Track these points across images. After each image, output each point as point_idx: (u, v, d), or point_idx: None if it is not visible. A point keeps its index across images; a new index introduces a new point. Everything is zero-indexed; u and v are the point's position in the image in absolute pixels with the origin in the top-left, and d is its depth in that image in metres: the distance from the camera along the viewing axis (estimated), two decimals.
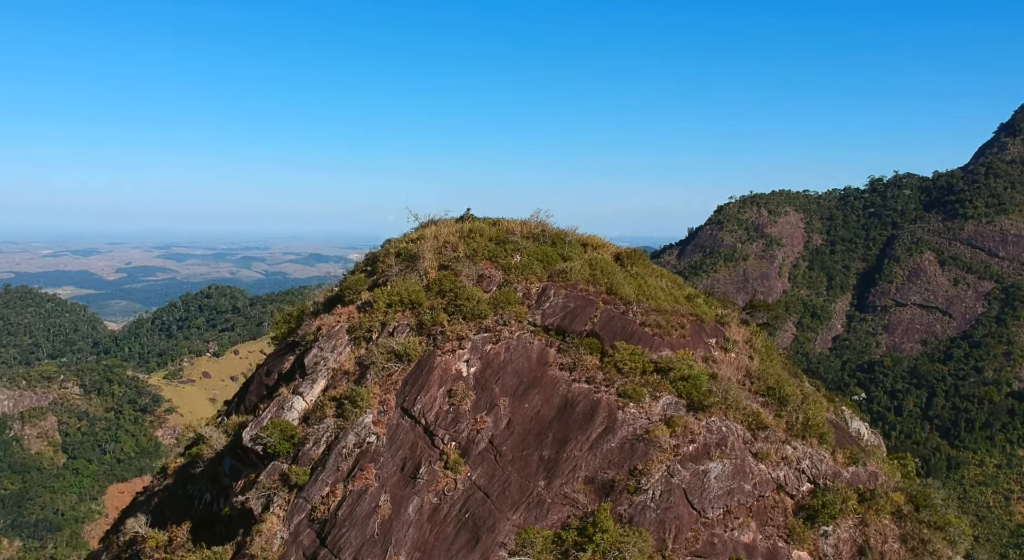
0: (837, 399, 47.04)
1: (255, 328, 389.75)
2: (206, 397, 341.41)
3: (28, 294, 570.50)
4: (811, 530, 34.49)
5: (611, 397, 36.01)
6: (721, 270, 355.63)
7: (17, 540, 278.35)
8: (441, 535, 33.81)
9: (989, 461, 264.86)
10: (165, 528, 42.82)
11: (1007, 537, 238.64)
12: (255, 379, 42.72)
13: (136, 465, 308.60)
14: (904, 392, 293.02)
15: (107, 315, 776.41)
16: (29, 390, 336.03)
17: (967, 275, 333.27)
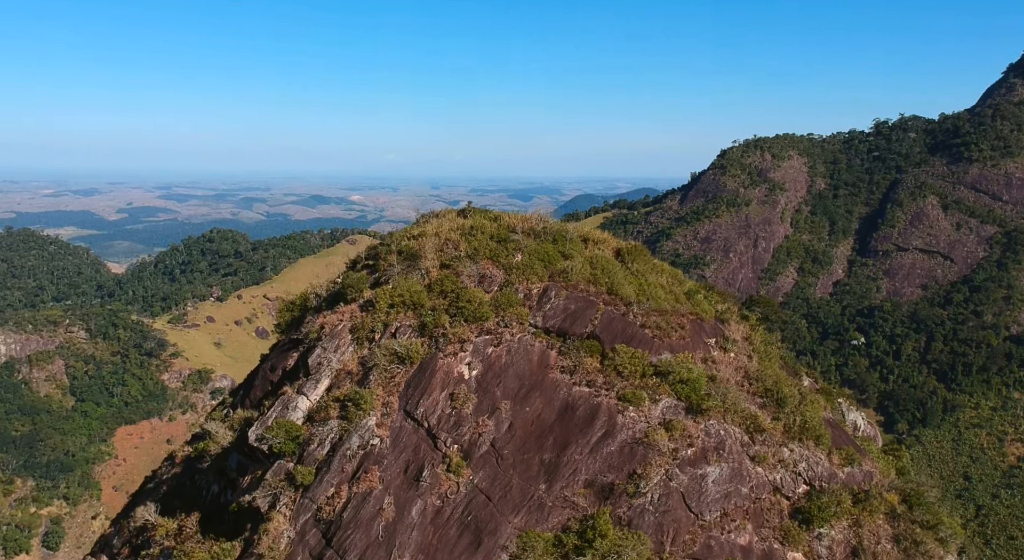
0: (835, 390, 47.53)
1: (257, 273, 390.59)
2: (211, 341, 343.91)
3: (30, 237, 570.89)
4: (806, 532, 35.26)
5: (611, 401, 36.42)
6: (723, 215, 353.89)
7: (30, 480, 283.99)
8: (444, 538, 34.61)
9: (985, 404, 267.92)
10: (175, 516, 43.89)
11: (999, 478, 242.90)
12: (259, 373, 43.13)
13: (144, 408, 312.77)
14: (903, 336, 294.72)
15: (110, 256, 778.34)
16: (35, 334, 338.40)
17: (970, 219, 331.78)
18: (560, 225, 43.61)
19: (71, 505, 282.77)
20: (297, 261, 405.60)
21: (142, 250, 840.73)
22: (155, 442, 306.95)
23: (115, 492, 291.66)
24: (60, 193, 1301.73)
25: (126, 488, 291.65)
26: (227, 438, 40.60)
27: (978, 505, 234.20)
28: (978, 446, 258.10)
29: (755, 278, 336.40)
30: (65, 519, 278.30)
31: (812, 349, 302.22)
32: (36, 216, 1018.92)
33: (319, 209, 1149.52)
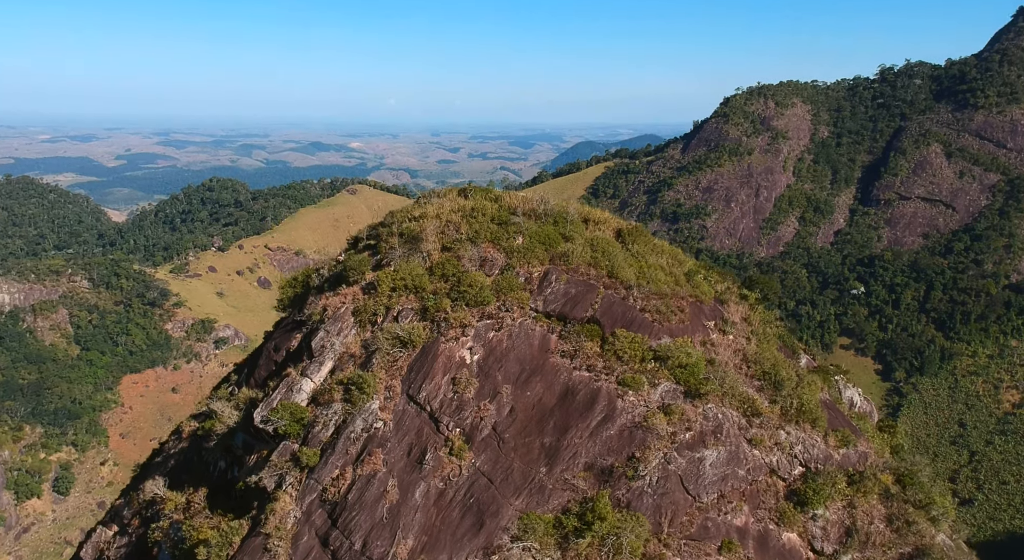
0: (832, 367, 47.98)
1: (258, 223, 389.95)
2: (213, 291, 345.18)
3: (30, 184, 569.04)
4: (801, 513, 36.07)
5: (611, 385, 36.92)
6: (725, 165, 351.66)
7: (38, 427, 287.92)
8: (447, 519, 35.44)
9: (982, 352, 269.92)
10: (183, 490, 44.87)
11: (993, 424, 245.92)
12: (264, 353, 43.62)
13: (148, 357, 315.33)
14: (903, 286, 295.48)
15: (109, 203, 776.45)
16: (38, 283, 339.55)
17: (973, 167, 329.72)
18: (561, 206, 43.54)
19: (79, 451, 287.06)
20: (297, 211, 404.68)
21: (142, 197, 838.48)
22: (160, 390, 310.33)
23: (122, 439, 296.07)
24: (57, 139, 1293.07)
25: (133, 436, 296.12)
26: (233, 418, 41.27)
27: (972, 451, 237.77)
28: (974, 394, 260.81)
29: (756, 228, 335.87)
30: (74, 465, 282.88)
31: (812, 299, 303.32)
32: (34, 162, 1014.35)
33: (318, 156, 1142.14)
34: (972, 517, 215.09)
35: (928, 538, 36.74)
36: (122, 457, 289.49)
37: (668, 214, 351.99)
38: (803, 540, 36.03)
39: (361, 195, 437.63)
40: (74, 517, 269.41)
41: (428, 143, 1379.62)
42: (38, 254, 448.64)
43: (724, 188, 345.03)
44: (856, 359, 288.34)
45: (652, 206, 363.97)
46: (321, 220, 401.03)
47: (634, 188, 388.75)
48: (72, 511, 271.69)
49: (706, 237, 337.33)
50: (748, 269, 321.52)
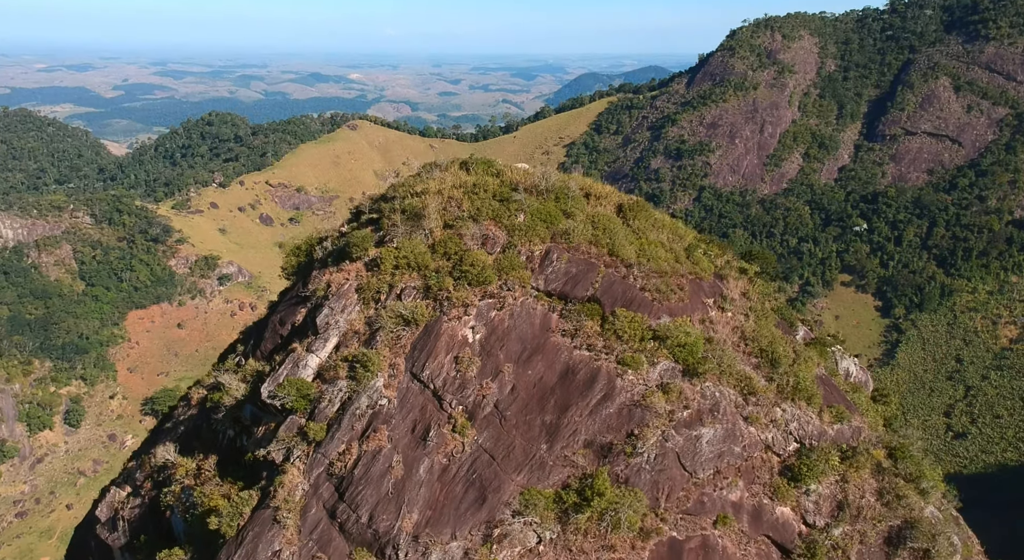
0: (829, 338, 48.60)
1: (258, 159, 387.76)
2: (215, 228, 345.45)
3: (28, 117, 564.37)
4: (795, 488, 37.19)
5: (611, 365, 37.65)
6: (730, 100, 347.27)
7: (47, 361, 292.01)
8: (451, 494, 36.59)
9: (982, 288, 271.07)
10: (193, 456, 46.14)
11: (990, 360, 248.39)
12: (269, 325, 44.29)
13: (153, 293, 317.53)
14: (906, 222, 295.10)
15: (108, 135, 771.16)
16: (41, 219, 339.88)
17: (982, 101, 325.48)
18: (562, 182, 43.57)
19: (88, 385, 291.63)
20: (298, 147, 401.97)
21: (141, 129, 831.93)
22: (166, 326, 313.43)
23: (130, 373, 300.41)
24: (53, 68, 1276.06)
25: (141, 370, 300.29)
26: (240, 390, 42.19)
27: (968, 386, 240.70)
28: (972, 329, 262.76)
29: (760, 164, 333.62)
30: (83, 398, 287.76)
31: (814, 236, 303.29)
32: (31, 92, 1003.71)
33: (317, 88, 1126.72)
34: (965, 450, 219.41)
35: (917, 510, 37.94)
36: (130, 391, 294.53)
37: (671, 151, 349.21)
38: (796, 514, 37.24)
39: (362, 131, 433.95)
40: (86, 448, 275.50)
41: (429, 74, 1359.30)
42: (39, 188, 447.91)
43: (728, 124, 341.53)
44: (856, 296, 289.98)
45: (655, 142, 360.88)
46: (322, 156, 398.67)
47: (637, 124, 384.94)
48: (84, 443, 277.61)
49: (709, 174, 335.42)
50: (751, 206, 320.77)
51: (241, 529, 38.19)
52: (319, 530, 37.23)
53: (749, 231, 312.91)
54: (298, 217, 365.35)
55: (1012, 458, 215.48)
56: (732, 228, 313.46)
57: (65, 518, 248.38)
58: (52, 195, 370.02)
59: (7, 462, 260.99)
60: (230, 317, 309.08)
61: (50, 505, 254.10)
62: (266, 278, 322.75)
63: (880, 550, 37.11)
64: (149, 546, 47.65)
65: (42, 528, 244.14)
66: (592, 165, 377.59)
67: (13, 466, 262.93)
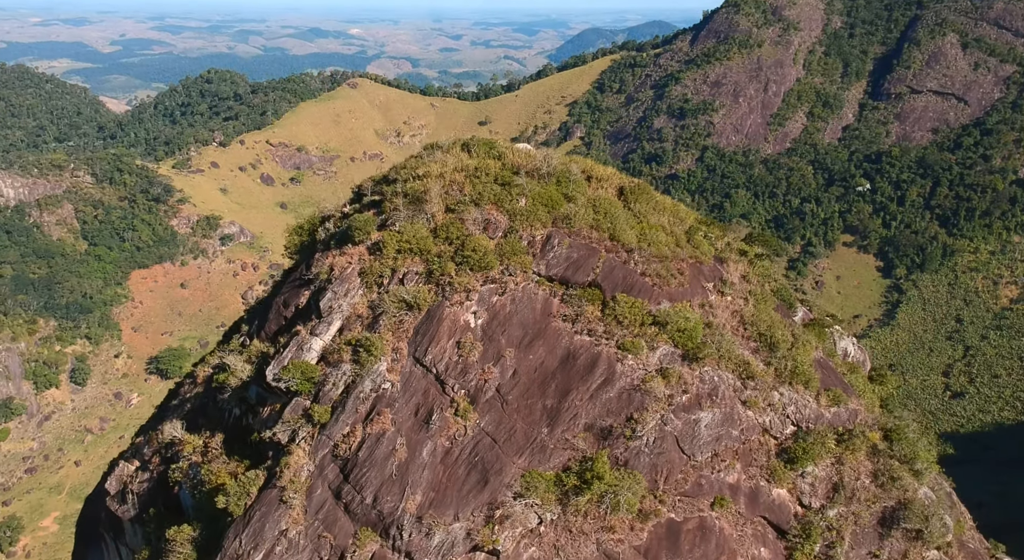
0: (827, 319, 48.93)
1: (258, 117, 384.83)
2: (216, 188, 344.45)
3: (26, 73, 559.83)
4: (791, 470, 37.90)
5: (611, 350, 38.13)
6: (734, 58, 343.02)
7: (52, 320, 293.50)
8: (453, 477, 37.35)
9: (984, 248, 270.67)
10: (199, 433, 46.95)
11: (990, 320, 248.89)
12: (273, 307, 44.74)
13: (155, 253, 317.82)
14: (909, 182, 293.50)
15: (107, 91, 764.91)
16: (42, 178, 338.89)
17: (989, 58, 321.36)
18: (564, 165, 43.58)
19: (93, 344, 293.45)
20: (298, 105, 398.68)
21: (139, 85, 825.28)
22: (169, 286, 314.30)
23: (134, 333, 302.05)
24: (49, 22, 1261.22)
25: (145, 330, 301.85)
26: (246, 371, 42.79)
27: (967, 346, 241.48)
28: (973, 290, 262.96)
29: (764, 123, 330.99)
30: (89, 357, 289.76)
31: (817, 196, 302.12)
32: (28, 46, 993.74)
33: (317, 43, 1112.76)
34: (962, 409, 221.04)
35: (911, 492, 38.70)
36: (135, 350, 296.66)
37: (675, 110, 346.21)
38: (792, 496, 38.02)
39: (362, 89, 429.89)
40: (92, 407, 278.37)
41: (430, 30, 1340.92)
42: (39, 146, 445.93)
43: (732, 82, 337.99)
44: (858, 256, 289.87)
45: (659, 101, 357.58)
46: (322, 115, 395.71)
47: (640, 82, 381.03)
48: (90, 401, 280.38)
49: (712, 133, 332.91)
50: (754, 166, 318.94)
51: (248, 508, 39.05)
52: (325, 510, 38.08)
53: (752, 191, 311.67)
54: (299, 177, 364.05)
55: (1009, 417, 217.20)
56: (735, 188, 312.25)
57: (74, 474, 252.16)
58: (52, 154, 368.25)
59: (15, 419, 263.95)
60: (232, 277, 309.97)
61: (58, 462, 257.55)
62: (268, 238, 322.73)
63: (874, 530, 37.95)
64: (158, 519, 48.73)
65: (51, 484, 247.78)
66: (594, 125, 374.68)
67: (21, 423, 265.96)
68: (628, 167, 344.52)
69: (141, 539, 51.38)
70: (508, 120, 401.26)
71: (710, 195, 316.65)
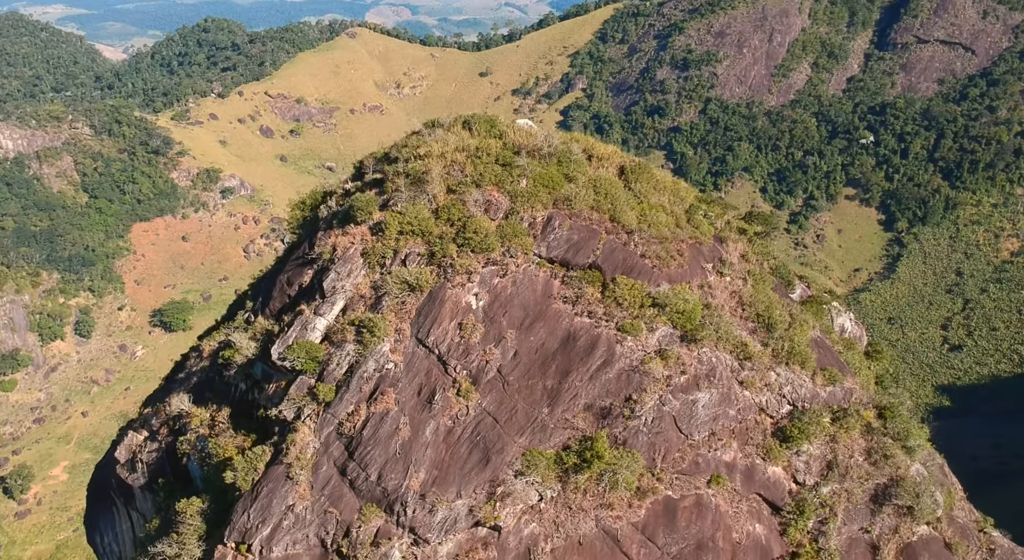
0: (825, 295, 49.39)
1: (256, 68, 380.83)
2: (215, 140, 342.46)
3: (21, 21, 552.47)
4: (786, 449, 38.78)
5: (610, 332, 38.71)
6: (739, 7, 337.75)
7: (55, 273, 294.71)
8: (456, 455, 38.25)
9: (986, 201, 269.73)
10: (206, 406, 47.86)
11: (990, 273, 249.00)
12: (277, 285, 45.24)
13: (156, 206, 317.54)
14: (913, 134, 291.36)
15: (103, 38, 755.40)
16: (40, 130, 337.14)
17: (998, 6, 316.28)
18: (565, 145, 43.60)
19: (97, 297, 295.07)
20: (296, 55, 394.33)
21: (135, 33, 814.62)
22: (171, 239, 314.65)
23: (137, 286, 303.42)
24: None
25: (148, 283, 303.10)
26: (251, 349, 43.48)
27: (966, 299, 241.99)
28: (974, 243, 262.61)
29: (768, 75, 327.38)
30: (92, 310, 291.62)
31: (819, 149, 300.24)
32: None
33: None
34: (960, 362, 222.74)
35: (903, 469, 39.64)
36: (138, 303, 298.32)
37: (678, 61, 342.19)
38: (787, 473, 38.96)
39: (361, 39, 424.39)
40: (97, 358, 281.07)
41: None
42: (35, 96, 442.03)
43: (737, 32, 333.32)
44: (860, 209, 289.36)
45: (662, 52, 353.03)
46: (321, 66, 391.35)
47: (644, 32, 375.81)
48: (95, 353, 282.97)
49: (716, 85, 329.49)
50: (757, 119, 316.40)
51: (256, 484, 40.02)
52: (330, 486, 39.08)
53: (754, 144, 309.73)
54: (299, 129, 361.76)
55: (1005, 369, 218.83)
56: (737, 141, 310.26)
57: (81, 425, 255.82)
58: (50, 105, 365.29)
59: (22, 370, 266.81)
60: (234, 231, 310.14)
61: (66, 412, 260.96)
62: (268, 191, 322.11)
63: (866, 507, 38.99)
64: (167, 488, 49.97)
65: (59, 434, 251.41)
66: (596, 76, 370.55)
67: (28, 374, 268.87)
68: (630, 120, 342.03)
69: (151, 505, 52.75)
70: (509, 71, 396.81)
71: (712, 148, 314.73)
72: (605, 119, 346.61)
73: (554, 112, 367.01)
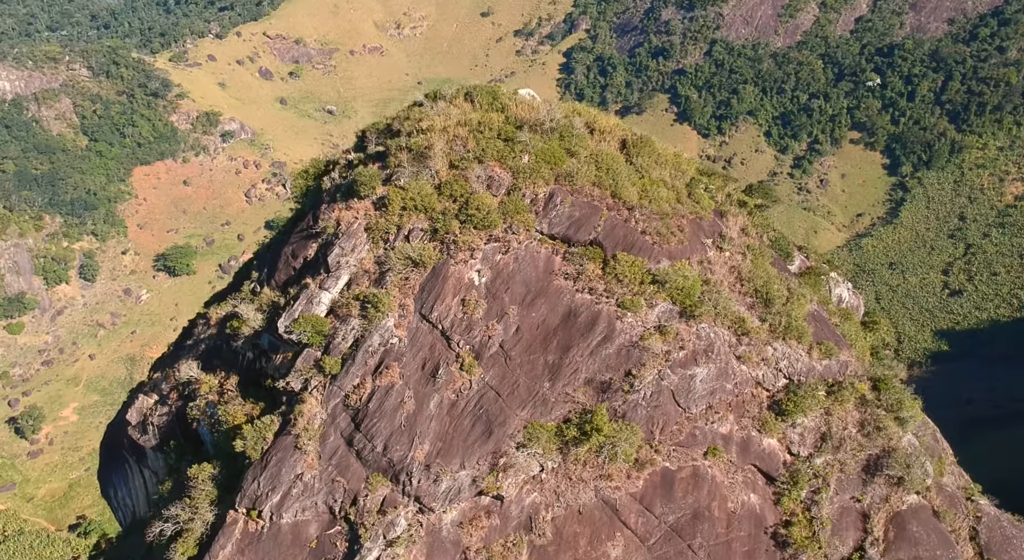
0: (824, 266, 49.77)
1: (254, 7, 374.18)
2: (214, 82, 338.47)
3: None
4: (782, 421, 39.79)
5: (611, 308, 39.40)
6: None
7: (57, 217, 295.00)
8: (459, 428, 39.33)
9: (992, 144, 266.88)
10: (215, 373, 48.90)
11: (993, 217, 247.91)
12: (282, 257, 45.77)
13: (156, 149, 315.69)
14: (920, 76, 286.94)
15: None
16: (37, 71, 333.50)
17: None
18: (567, 118, 43.52)
19: (100, 241, 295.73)
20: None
21: None
22: (172, 183, 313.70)
23: (140, 230, 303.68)
24: None
25: (150, 227, 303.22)
26: (258, 320, 44.28)
27: (968, 244, 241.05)
28: (978, 187, 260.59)
29: (774, 15, 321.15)
30: (96, 254, 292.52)
31: (825, 92, 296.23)
32: None
33: None
34: (959, 307, 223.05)
35: (895, 440, 40.71)
36: (141, 247, 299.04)
37: (683, 1, 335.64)
38: (782, 445, 40.05)
39: None
40: (103, 302, 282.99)
41: None
42: (31, 35, 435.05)
43: None
44: (864, 153, 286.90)
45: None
46: (319, 5, 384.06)
47: None
48: (100, 297, 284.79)
49: (722, 26, 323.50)
50: (763, 61, 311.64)
51: (265, 453, 41.22)
52: (338, 456, 40.28)
53: (759, 87, 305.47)
54: (298, 71, 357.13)
55: (1004, 314, 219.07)
56: (742, 84, 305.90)
57: (89, 367, 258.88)
58: (46, 45, 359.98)
59: (28, 314, 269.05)
60: (235, 175, 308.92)
61: (73, 355, 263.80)
62: (269, 135, 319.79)
63: (858, 477, 40.18)
64: (179, 450, 51.42)
65: (68, 376, 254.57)
66: (600, 16, 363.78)
67: (35, 317, 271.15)
68: (634, 62, 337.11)
69: (163, 465, 54.30)
70: (511, 11, 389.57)
71: (717, 91, 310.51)
72: (609, 61, 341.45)
73: (557, 54, 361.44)
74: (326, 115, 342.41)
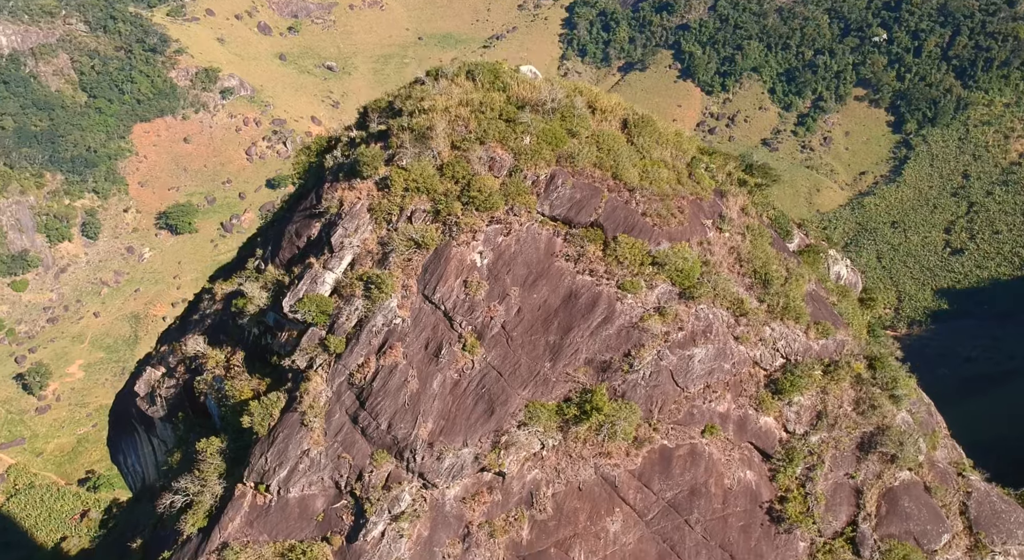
0: (823, 244, 50.00)
1: None
2: (213, 37, 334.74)
3: None
4: (778, 400, 40.56)
5: (611, 289, 39.94)
6: None
7: (59, 174, 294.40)
8: (462, 407, 40.15)
9: (999, 100, 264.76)
10: (221, 348, 49.64)
11: (997, 175, 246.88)
12: (285, 236, 46.18)
13: (156, 106, 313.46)
14: (928, 31, 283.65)
15: None
16: (34, 26, 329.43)
17: None
18: (569, 98, 43.52)
19: (102, 199, 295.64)
20: None
21: None
22: (172, 140, 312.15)
23: (141, 188, 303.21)
24: None
25: (152, 184, 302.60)
26: (263, 299, 44.87)
27: (971, 202, 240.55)
28: (983, 144, 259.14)
29: None
30: (98, 211, 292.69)
31: (831, 48, 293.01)
32: None
33: None
34: (960, 265, 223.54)
35: (889, 418, 41.51)
36: (143, 205, 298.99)
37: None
38: (778, 423, 40.86)
39: None
40: (106, 260, 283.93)
41: None
42: None
43: None
44: (869, 111, 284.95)
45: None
46: None
47: None
48: (103, 255, 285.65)
49: None
50: (768, 16, 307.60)
51: (272, 429, 42.14)
52: (343, 433, 41.19)
53: (764, 43, 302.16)
54: (297, 26, 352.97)
55: (1005, 272, 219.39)
56: (747, 40, 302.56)
57: (94, 325, 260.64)
58: None
59: (32, 271, 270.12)
60: (235, 132, 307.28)
61: (78, 312, 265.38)
62: (268, 92, 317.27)
63: (852, 454, 41.05)
64: (187, 423, 52.43)
65: (73, 333, 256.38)
66: None
67: (39, 275, 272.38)
68: (638, 17, 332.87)
69: (172, 435, 55.37)
70: None
71: (721, 47, 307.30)
72: (612, 16, 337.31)
73: (559, 8, 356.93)
74: (326, 71, 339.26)
